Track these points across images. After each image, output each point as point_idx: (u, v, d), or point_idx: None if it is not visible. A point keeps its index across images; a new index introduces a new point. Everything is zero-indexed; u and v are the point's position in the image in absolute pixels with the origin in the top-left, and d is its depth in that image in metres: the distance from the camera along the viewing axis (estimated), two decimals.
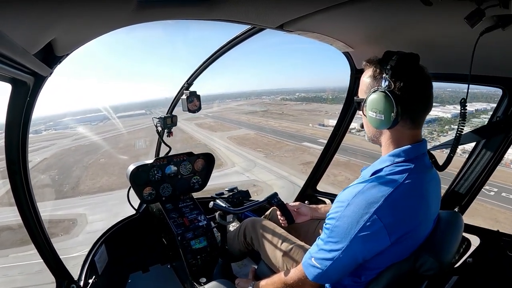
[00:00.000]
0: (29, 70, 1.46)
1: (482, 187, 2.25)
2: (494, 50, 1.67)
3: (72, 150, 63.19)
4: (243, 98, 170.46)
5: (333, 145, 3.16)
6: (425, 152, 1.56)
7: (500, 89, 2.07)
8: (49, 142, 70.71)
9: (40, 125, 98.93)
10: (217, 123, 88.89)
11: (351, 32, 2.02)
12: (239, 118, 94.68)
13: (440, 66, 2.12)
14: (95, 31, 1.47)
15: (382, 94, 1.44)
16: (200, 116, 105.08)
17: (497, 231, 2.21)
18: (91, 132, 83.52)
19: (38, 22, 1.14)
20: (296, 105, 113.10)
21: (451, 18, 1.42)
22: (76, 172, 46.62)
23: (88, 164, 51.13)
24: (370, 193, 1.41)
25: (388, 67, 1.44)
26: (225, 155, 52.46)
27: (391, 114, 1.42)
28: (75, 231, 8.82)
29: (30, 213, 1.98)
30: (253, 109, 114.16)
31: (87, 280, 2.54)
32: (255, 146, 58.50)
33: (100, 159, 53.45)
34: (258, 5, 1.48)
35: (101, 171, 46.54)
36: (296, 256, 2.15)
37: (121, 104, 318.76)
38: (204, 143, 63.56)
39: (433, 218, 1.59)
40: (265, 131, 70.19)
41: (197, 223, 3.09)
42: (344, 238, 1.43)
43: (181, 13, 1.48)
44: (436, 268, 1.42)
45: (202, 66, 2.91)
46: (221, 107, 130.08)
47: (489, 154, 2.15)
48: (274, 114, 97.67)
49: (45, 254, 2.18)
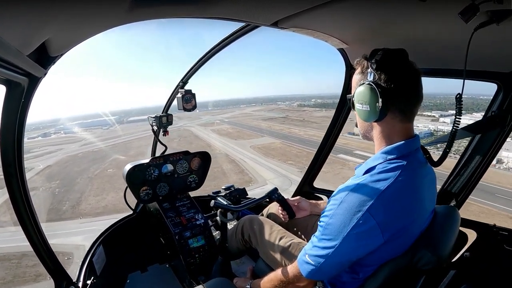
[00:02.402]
0: (23, 71, 1.45)
1: (478, 181, 2.27)
2: (489, 45, 1.67)
3: (79, 157, 60.43)
4: (258, 103, 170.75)
5: (329, 142, 3.17)
6: (418, 148, 1.56)
7: (495, 84, 2.09)
8: (56, 146, 68.50)
9: (51, 128, 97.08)
10: (235, 129, 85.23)
11: (346, 29, 2.02)
12: (259, 125, 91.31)
13: (435, 62, 2.13)
14: (89, 30, 1.46)
15: (367, 86, 1.46)
16: (216, 121, 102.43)
17: (494, 225, 2.23)
18: (101, 137, 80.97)
19: (31, 22, 1.13)
20: (316, 111, 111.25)
21: (446, 13, 1.43)
22: (80, 185, 42.32)
23: (94, 175, 46.55)
24: (363, 191, 1.42)
25: (374, 61, 1.46)
26: (253, 169, 46.19)
27: (376, 105, 1.43)
28: (70, 271, 7.15)
29: (27, 215, 1.97)
30: (272, 115, 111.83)
31: (85, 281, 2.53)
32: (284, 158, 52.29)
33: (108, 169, 48.60)
34: (252, 2, 1.47)
35: (107, 184, 41.30)
36: (294, 253, 2.16)
37: (134, 109, 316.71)
38: (225, 153, 56.76)
39: (427, 214, 1.59)
40: (290, 140, 65.23)
41: (194, 221, 3.08)
42: (337, 236, 1.44)
43: (175, 12, 1.47)
44: (434, 262, 1.43)
45: (196, 64, 2.91)
46: (237, 113, 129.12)
47: (485, 149, 2.16)
48: (295, 121, 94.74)
49: (43, 256, 2.17)
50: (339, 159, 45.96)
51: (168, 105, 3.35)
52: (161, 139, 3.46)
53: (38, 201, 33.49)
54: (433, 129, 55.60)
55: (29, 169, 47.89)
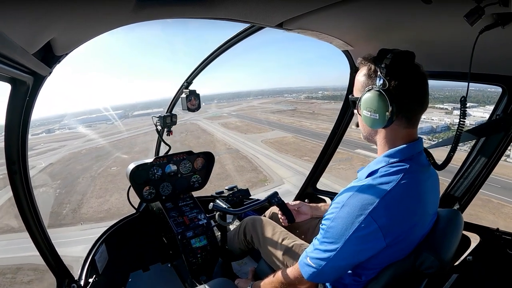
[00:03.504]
0: (29, 70, 1.45)
1: (482, 185, 2.26)
2: (494, 48, 1.66)
3: (82, 154, 58.53)
4: (265, 96, 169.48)
5: (333, 143, 3.16)
6: (421, 151, 1.55)
7: (499, 87, 2.08)
8: (60, 143, 66.91)
9: (55, 124, 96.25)
10: (244, 123, 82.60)
11: (350, 30, 2.01)
12: (267, 118, 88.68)
13: (440, 64, 2.12)
14: (95, 30, 1.47)
15: (376, 93, 1.43)
16: (223, 114, 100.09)
17: (497, 229, 2.22)
18: (105, 133, 79.18)
19: (37, 21, 1.13)
20: (325, 103, 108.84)
21: (451, 16, 1.42)
22: (81, 185, 39.89)
23: (97, 173, 44.34)
24: (365, 195, 1.41)
25: (383, 65, 1.42)
26: (267, 166, 42.54)
27: (385, 114, 1.41)
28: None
29: (30, 213, 1.99)
30: (280, 108, 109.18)
31: (87, 279, 2.54)
32: (300, 154, 48.13)
33: (112, 167, 46.35)
34: (258, 3, 1.47)
35: (111, 184, 38.97)
36: (296, 255, 2.15)
37: (139, 102, 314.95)
38: (236, 148, 53.41)
39: (430, 217, 1.58)
40: (303, 134, 61.66)
41: (197, 221, 3.09)
42: (339, 239, 1.43)
43: (181, 12, 1.47)
44: (436, 266, 1.42)
45: (201, 65, 2.91)
46: (244, 105, 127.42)
47: (489, 152, 2.15)
48: (305, 114, 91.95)
49: (45, 254, 2.18)
50: (357, 154, 41.88)
51: (172, 105, 3.36)
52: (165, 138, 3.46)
53: (38, 203, 31.29)
54: (449, 123, 54.01)
55: (31, 167, 44.03)
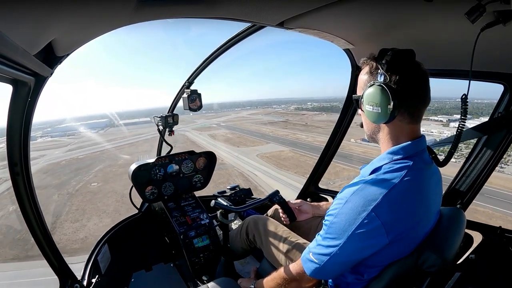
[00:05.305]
0: (30, 71, 1.46)
1: (484, 183, 2.25)
2: (495, 46, 1.66)
3: (61, 165, 54.33)
4: (253, 107, 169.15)
5: (334, 143, 3.17)
6: (424, 148, 1.55)
7: (501, 85, 2.07)
8: (40, 152, 62.92)
9: (38, 131, 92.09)
10: (235, 134, 79.52)
11: (352, 29, 2.01)
12: (259, 130, 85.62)
13: (441, 63, 2.12)
14: (96, 30, 1.47)
15: (378, 88, 1.44)
16: (212, 125, 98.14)
17: (500, 227, 2.21)
18: (88, 142, 75.20)
19: (38, 22, 1.14)
20: (316, 115, 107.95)
21: (452, 14, 1.42)
22: (56, 204, 34.97)
23: (75, 190, 39.57)
24: (368, 191, 1.41)
25: (384, 61, 1.44)
26: (267, 184, 39.17)
27: (387, 107, 1.42)
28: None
29: (33, 214, 1.99)
30: (271, 119, 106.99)
31: (90, 280, 2.55)
32: (302, 171, 44.19)
33: (92, 182, 42.18)
34: (259, 2, 1.47)
35: (89, 204, 34.66)
36: (299, 254, 2.14)
37: (126, 111, 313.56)
38: (231, 164, 49.21)
39: (433, 215, 1.58)
40: (300, 147, 59.36)
41: (199, 221, 3.09)
42: (342, 235, 1.43)
43: (181, 12, 1.48)
44: (439, 264, 1.42)
45: (202, 65, 2.91)
46: (232, 116, 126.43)
47: (491, 150, 2.15)
48: (298, 125, 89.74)
49: (48, 254, 2.18)
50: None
51: (174, 105, 3.37)
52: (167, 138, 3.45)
53: (3, 228, 27.07)
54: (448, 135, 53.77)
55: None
